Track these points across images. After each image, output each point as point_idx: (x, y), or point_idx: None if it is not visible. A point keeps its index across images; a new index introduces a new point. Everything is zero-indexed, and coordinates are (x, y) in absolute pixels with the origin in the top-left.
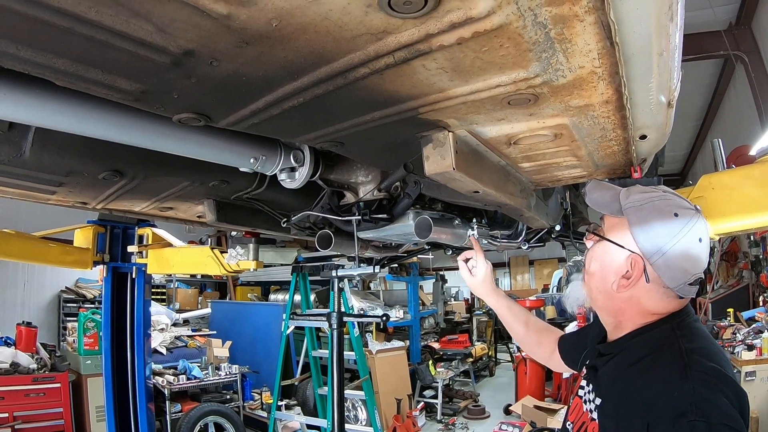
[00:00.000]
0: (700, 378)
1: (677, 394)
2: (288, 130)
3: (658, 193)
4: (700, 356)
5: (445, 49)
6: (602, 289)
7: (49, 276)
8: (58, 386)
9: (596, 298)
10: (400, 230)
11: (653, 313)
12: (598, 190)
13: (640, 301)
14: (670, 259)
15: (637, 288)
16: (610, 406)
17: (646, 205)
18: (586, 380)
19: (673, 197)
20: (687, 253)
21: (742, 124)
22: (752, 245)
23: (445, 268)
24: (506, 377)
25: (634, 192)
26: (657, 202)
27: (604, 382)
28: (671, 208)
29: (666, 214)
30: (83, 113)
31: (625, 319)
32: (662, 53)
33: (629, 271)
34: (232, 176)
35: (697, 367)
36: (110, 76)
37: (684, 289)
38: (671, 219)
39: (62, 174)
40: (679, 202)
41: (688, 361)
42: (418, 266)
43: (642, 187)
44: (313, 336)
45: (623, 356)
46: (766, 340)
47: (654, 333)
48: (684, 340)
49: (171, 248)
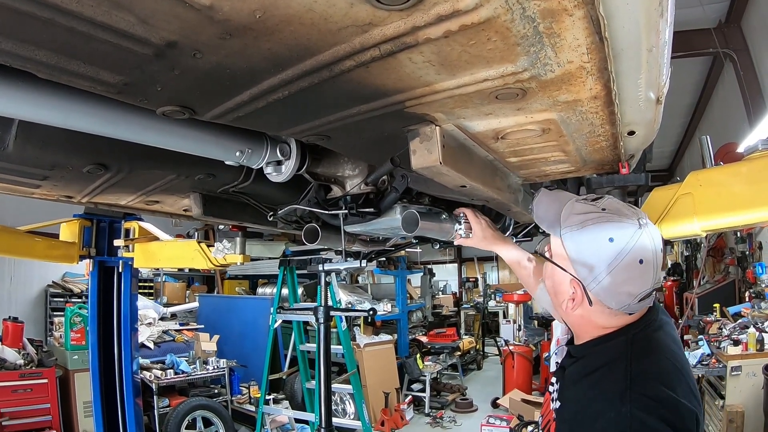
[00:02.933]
0: (640, 401)
1: (614, 416)
2: (274, 124)
3: (596, 213)
4: (645, 378)
5: (431, 43)
6: (556, 305)
7: (36, 270)
8: (45, 382)
9: (556, 310)
10: (387, 224)
11: (607, 327)
12: (544, 204)
13: (591, 318)
14: (608, 285)
15: (584, 308)
16: (565, 411)
17: (581, 230)
18: (555, 378)
19: (612, 217)
20: (627, 277)
21: (730, 122)
22: (739, 241)
23: (433, 262)
24: (494, 371)
25: (574, 211)
26: (591, 226)
27: (566, 386)
28: (606, 233)
29: (600, 239)
30: (67, 106)
31: (582, 332)
32: (652, 49)
33: (574, 292)
34: (219, 169)
35: (639, 389)
36: (92, 68)
37: (631, 308)
38: (605, 246)
39: (46, 167)
40: (617, 223)
41: (631, 383)
42: (406, 260)
43: (583, 205)
44: (301, 330)
45: (583, 363)
46: (751, 336)
47: (609, 345)
48: (634, 357)
49: (158, 242)
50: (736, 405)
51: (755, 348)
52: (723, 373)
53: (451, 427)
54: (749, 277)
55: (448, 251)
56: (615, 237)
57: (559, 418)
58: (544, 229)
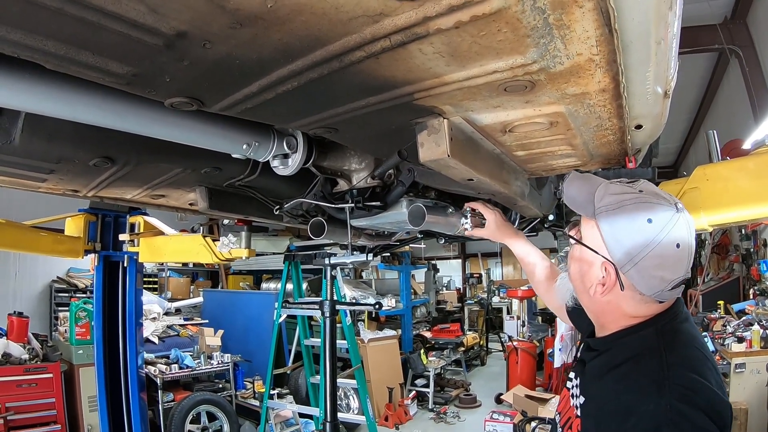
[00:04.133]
0: (678, 392)
1: (653, 407)
2: (282, 116)
3: (633, 194)
4: (681, 368)
5: (442, 33)
6: (582, 291)
7: (41, 266)
8: (50, 376)
9: (580, 297)
10: (393, 218)
11: (634, 316)
12: (576, 186)
13: (619, 305)
14: (643, 269)
15: (614, 294)
16: (591, 406)
17: (619, 210)
18: (574, 373)
19: (650, 198)
20: (662, 261)
21: (736, 118)
22: (743, 238)
23: (437, 258)
24: (497, 366)
25: (610, 192)
26: (630, 205)
27: (588, 380)
28: (645, 213)
29: (638, 220)
30: (74, 98)
31: (608, 321)
32: (660, 42)
33: (604, 277)
34: (225, 163)
35: (676, 380)
36: (101, 59)
37: (663, 295)
38: (644, 226)
39: (53, 161)
40: (656, 205)
41: (668, 373)
42: (410, 255)
43: (619, 186)
44: (305, 324)
45: (608, 356)
46: (755, 333)
47: (637, 337)
48: (667, 348)
49: (163, 236)
50: (740, 402)
51: (759, 345)
52: (727, 371)
53: (454, 422)
54: (754, 275)
55: (452, 247)
56: (653, 219)
57: (584, 413)
58: (575, 210)
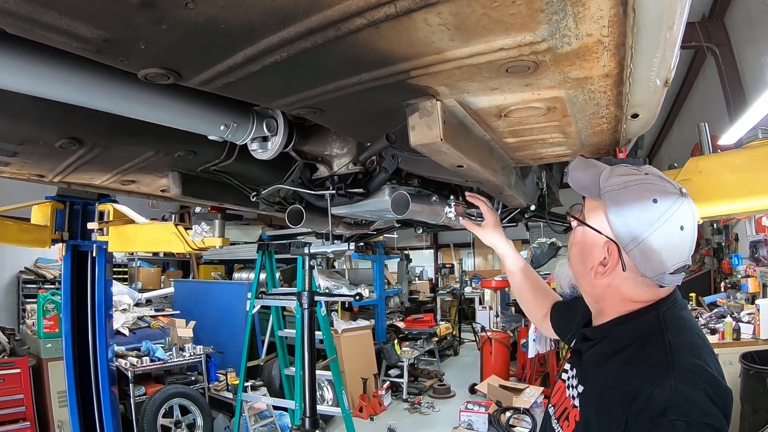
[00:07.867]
0: (683, 375)
1: (658, 391)
2: (266, 92)
3: (639, 176)
4: (685, 352)
5: (452, 2)
6: (583, 274)
7: (8, 256)
8: (18, 372)
9: (579, 282)
10: (375, 206)
11: (635, 301)
12: (581, 169)
13: (619, 288)
14: (647, 249)
15: (614, 275)
16: (592, 394)
17: (624, 190)
18: (570, 364)
19: (656, 180)
20: (665, 242)
21: (710, 115)
22: (715, 233)
23: (410, 248)
24: (470, 357)
25: (615, 173)
26: (635, 186)
27: (587, 369)
28: (650, 194)
29: (643, 200)
30: (37, 70)
31: (607, 306)
32: (672, 26)
33: (606, 258)
34: (200, 146)
35: (681, 363)
36: (69, 20)
37: (664, 279)
38: (649, 206)
39: (15, 142)
40: (661, 186)
41: (673, 356)
42: (384, 245)
43: (625, 168)
44: (279, 315)
45: (607, 343)
46: (728, 325)
47: (638, 321)
48: (670, 332)
49: (133, 225)
50: None
51: (732, 337)
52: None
53: (429, 412)
54: (725, 268)
55: (425, 237)
56: (659, 199)
57: (583, 402)
58: (579, 191)
